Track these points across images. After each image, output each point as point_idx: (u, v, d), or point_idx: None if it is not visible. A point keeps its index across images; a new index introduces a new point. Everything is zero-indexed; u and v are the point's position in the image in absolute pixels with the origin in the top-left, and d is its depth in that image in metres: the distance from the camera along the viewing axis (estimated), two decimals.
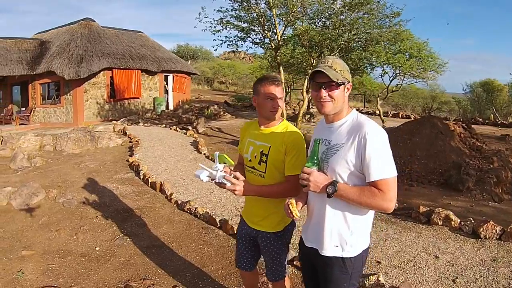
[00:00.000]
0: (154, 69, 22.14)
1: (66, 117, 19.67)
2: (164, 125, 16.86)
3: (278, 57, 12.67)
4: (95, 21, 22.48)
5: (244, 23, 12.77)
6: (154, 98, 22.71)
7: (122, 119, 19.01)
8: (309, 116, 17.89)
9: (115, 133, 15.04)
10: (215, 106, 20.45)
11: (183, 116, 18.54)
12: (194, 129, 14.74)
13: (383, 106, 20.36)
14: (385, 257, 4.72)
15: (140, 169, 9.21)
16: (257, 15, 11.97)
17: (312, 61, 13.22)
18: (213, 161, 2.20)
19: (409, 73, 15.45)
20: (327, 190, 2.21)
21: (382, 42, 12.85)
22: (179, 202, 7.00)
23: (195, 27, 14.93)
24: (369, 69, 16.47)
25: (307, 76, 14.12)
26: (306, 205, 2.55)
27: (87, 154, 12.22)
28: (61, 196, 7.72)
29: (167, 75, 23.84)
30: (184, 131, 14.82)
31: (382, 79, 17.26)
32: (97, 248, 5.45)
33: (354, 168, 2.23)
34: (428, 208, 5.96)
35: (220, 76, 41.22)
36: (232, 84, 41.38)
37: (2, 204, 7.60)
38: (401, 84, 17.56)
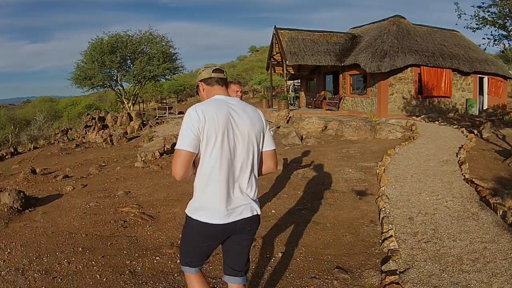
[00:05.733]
0: (466, 69, 20.78)
1: (371, 107, 20.76)
2: (456, 126, 15.78)
3: None
4: (405, 18, 22.58)
5: (499, 19, 10.82)
6: (466, 100, 21.43)
7: (422, 116, 18.69)
8: None
9: (401, 127, 15.09)
10: None
11: (477, 119, 17.03)
12: (478, 133, 13.42)
13: None
14: None
15: (385, 161, 9.30)
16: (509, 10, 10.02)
17: None
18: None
19: None
20: None
21: None
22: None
23: (456, 24, 13.41)
24: None
25: None
26: None
27: (360, 142, 12.88)
28: (286, 170, 8.78)
29: (482, 77, 21.96)
30: (468, 133, 13.70)
31: None
32: (272, 211, 6.24)
33: None
34: None
35: None
36: None
37: None
38: None
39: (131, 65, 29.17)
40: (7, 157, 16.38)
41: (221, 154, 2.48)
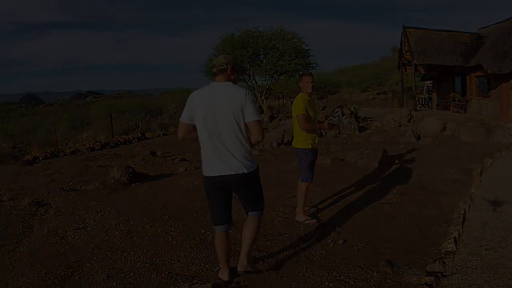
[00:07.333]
0: None
1: (494, 110, 18.79)
2: None
3: None
4: None
5: None
6: None
7: None
8: None
9: None
10: None
11: None
12: None
13: None
14: None
15: (486, 164, 8.73)
16: None
17: None
18: None
19: None
20: None
21: None
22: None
23: None
24: None
25: None
26: None
27: (472, 144, 12.05)
28: (389, 166, 8.68)
29: None
30: None
31: None
32: (357, 202, 6.35)
33: None
34: None
35: None
36: None
37: (352, 161, 9.40)
38: None
39: (263, 60, 28.63)
40: (133, 141, 17.36)
41: (205, 124, 3.30)
